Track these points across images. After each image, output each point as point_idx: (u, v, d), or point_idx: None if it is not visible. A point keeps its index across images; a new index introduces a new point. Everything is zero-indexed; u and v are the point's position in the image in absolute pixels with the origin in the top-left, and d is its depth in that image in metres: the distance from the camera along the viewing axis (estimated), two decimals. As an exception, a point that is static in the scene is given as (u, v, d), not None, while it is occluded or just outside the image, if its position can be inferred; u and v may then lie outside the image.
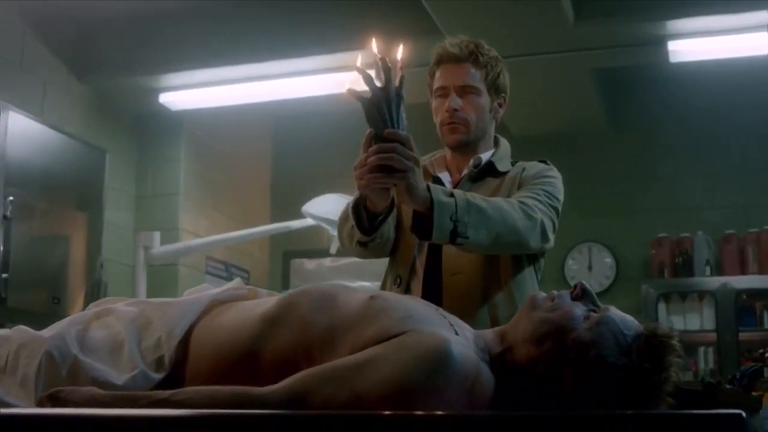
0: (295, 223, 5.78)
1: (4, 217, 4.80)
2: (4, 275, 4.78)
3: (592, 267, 6.91)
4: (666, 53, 5.43)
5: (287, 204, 6.23)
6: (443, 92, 2.50)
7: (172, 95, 6.30)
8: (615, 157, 6.99)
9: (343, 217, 2.29)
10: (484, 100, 2.51)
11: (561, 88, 6.26)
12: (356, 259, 2.56)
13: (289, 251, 7.57)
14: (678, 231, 6.68)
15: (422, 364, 1.51)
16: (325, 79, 5.83)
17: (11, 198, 4.86)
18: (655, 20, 5.18)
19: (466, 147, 2.52)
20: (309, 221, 5.43)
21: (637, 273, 6.82)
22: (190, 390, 1.61)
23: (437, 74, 2.53)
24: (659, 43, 5.36)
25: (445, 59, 2.51)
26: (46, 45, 5.83)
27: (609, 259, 6.97)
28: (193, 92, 6.25)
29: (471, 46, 2.49)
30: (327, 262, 7.31)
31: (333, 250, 5.83)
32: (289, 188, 7.18)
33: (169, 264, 6.15)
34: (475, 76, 2.48)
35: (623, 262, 6.93)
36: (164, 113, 6.49)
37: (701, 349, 6.43)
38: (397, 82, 1.87)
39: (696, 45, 5.37)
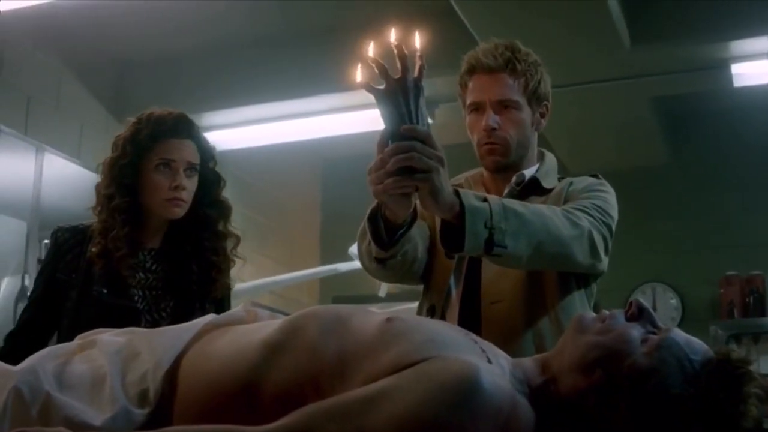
0: (343, 266, 5.61)
1: (39, 261, 4.65)
2: (39, 321, 4.60)
3: (656, 308, 6.66)
4: (730, 77, 5.23)
5: (338, 248, 6.04)
6: (478, 107, 2.25)
7: (214, 135, 6.14)
8: (678, 191, 6.81)
9: (362, 231, 2.03)
10: (525, 113, 2.24)
11: (619, 119, 6.07)
12: (409, 305, 2.31)
13: (340, 297, 7.36)
14: (748, 268, 6.44)
15: (445, 395, 1.32)
16: (373, 114, 5.62)
17: (46, 241, 4.64)
18: (717, 42, 4.99)
19: (506, 170, 2.27)
20: (357, 264, 5.21)
21: (704, 314, 6.57)
22: (171, 430, 1.42)
23: (470, 86, 2.27)
24: (722, 66, 5.16)
25: (478, 69, 2.24)
26: (83, 85, 5.79)
27: (674, 300, 6.76)
28: (235, 131, 6.13)
29: (507, 53, 2.21)
30: (376, 308, 7.09)
31: (382, 293, 5.61)
32: (340, 232, 6.96)
33: (212, 310, 5.97)
34: (513, 88, 2.21)
35: (690, 303, 6.71)
36: (207, 154, 6.38)
37: (777, 395, 6.07)
38: (416, 72, 1.65)
39: (762, 67, 5.12)
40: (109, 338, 1.66)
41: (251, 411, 1.43)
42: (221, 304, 2.61)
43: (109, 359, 1.58)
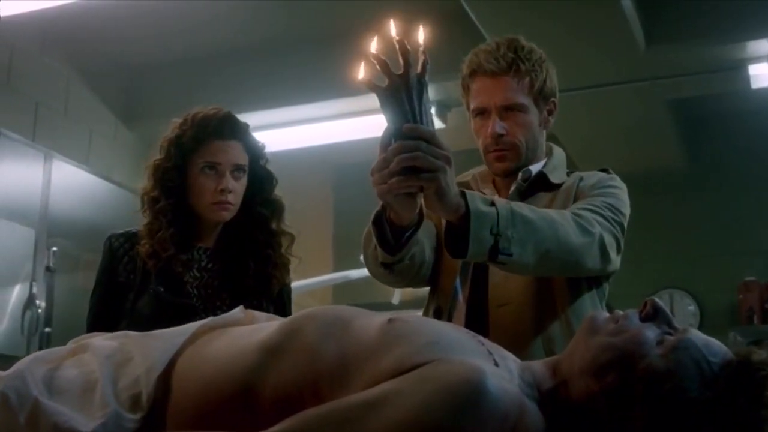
0: (355, 273, 5.54)
1: (48, 268, 4.70)
2: (47, 329, 4.65)
3: (674, 315, 6.43)
4: (747, 78, 5.21)
5: (351, 257, 5.98)
6: (483, 111, 2.15)
7: (224, 141, 6.13)
8: (695, 195, 6.75)
9: (367, 235, 1.95)
10: (532, 115, 2.15)
11: (634, 122, 6.01)
12: (421, 312, 2.24)
13: (352, 304, 7.23)
14: (767, 274, 6.36)
15: (449, 400, 1.26)
16: (384, 119, 5.60)
17: (55, 249, 4.75)
18: (734, 42, 4.97)
19: (516, 171, 2.19)
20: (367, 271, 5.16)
21: (723, 320, 6.48)
22: (164, 436, 1.36)
23: (473, 89, 2.16)
24: (739, 67, 5.14)
25: (480, 72, 2.14)
26: (91, 90, 5.81)
27: (692, 307, 6.70)
28: (244, 137, 6.07)
29: (510, 54, 2.10)
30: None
31: (396, 300, 5.55)
32: (353, 239, 6.90)
33: (222, 319, 5.94)
34: (518, 91, 2.11)
35: (708, 310, 6.65)
36: (215, 160, 6.37)
37: (798, 403, 5.98)
38: (419, 68, 1.56)
39: (781, 68, 5.12)
40: (101, 342, 1.61)
41: (248, 415, 1.38)
42: (281, 303, 2.54)
43: (100, 364, 1.52)
